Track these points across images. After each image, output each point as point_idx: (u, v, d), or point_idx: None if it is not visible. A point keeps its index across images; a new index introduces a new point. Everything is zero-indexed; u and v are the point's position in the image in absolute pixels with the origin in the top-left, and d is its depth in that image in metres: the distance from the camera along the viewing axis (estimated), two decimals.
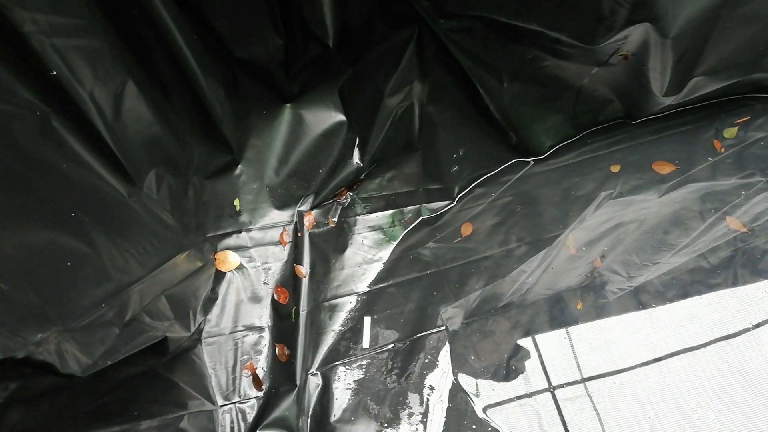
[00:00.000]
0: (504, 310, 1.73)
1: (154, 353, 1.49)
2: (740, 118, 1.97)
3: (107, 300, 1.21)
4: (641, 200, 1.85)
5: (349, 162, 1.91)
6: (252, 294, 1.75)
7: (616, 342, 1.65)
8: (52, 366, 1.15)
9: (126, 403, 1.48)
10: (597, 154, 1.99)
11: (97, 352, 1.24)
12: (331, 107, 1.85)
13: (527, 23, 1.56)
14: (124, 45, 1.28)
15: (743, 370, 1.57)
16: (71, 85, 1.04)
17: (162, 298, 1.42)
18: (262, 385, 1.61)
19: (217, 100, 1.58)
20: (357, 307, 1.77)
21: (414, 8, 1.61)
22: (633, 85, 1.76)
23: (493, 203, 1.94)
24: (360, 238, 1.90)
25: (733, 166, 1.88)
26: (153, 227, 1.35)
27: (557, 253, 1.79)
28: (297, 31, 1.62)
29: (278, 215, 1.86)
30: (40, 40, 0.97)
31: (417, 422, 1.58)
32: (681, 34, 1.50)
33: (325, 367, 1.67)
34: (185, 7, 1.38)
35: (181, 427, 1.50)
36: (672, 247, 1.76)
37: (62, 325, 1.11)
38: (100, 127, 1.12)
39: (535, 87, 1.80)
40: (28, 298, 1.03)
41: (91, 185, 1.14)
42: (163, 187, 1.42)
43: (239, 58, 1.61)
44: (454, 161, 1.96)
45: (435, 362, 1.67)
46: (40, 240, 1.04)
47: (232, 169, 1.83)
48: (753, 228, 1.77)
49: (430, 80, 1.84)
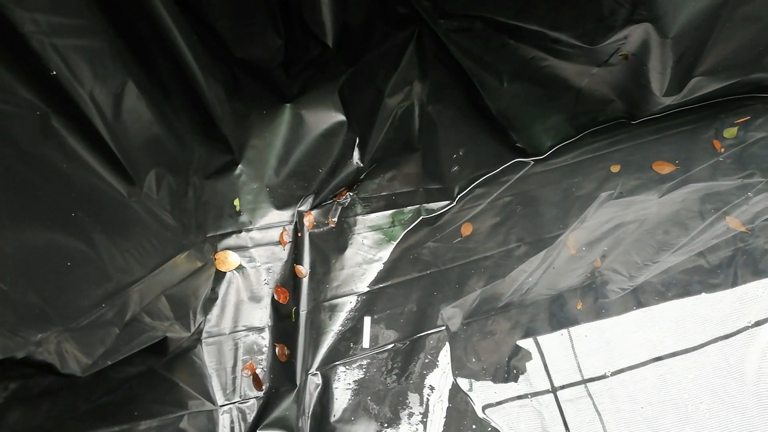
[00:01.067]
0: (504, 310, 1.73)
1: (154, 353, 1.49)
2: (740, 118, 1.97)
3: (107, 300, 1.21)
4: (641, 200, 1.85)
5: (349, 162, 1.91)
6: (252, 294, 1.75)
7: (616, 342, 1.65)
8: (52, 366, 1.15)
9: (126, 403, 1.48)
10: (597, 154, 1.99)
11: (97, 352, 1.24)
12: (331, 107, 1.85)
13: (527, 23, 1.56)
14: (124, 45, 1.28)
15: (742, 369, 1.57)
16: (71, 85, 1.04)
17: (162, 298, 1.42)
18: (262, 385, 1.61)
19: (217, 100, 1.58)
20: (357, 307, 1.77)
21: (414, 8, 1.61)
22: (633, 85, 1.76)
23: (493, 203, 1.94)
24: (360, 238, 1.90)
25: (733, 166, 1.88)
26: (153, 227, 1.35)
27: (557, 253, 1.79)
28: (297, 31, 1.62)
29: (278, 215, 1.86)
30: (40, 40, 0.97)
31: (417, 422, 1.58)
32: (681, 34, 1.51)
33: (325, 367, 1.67)
34: (185, 7, 1.38)
35: (181, 427, 1.50)
36: (672, 247, 1.76)
37: (62, 325, 1.11)
38: (100, 127, 1.12)
39: (535, 87, 1.79)
40: (28, 298, 1.03)
41: (91, 185, 1.14)
42: (163, 187, 1.42)
43: (239, 58, 1.61)
44: (454, 161, 1.96)
45: (435, 362, 1.67)
46: (40, 240, 1.04)
47: (232, 169, 1.83)
48: (753, 228, 1.77)
49: (430, 80, 1.84)
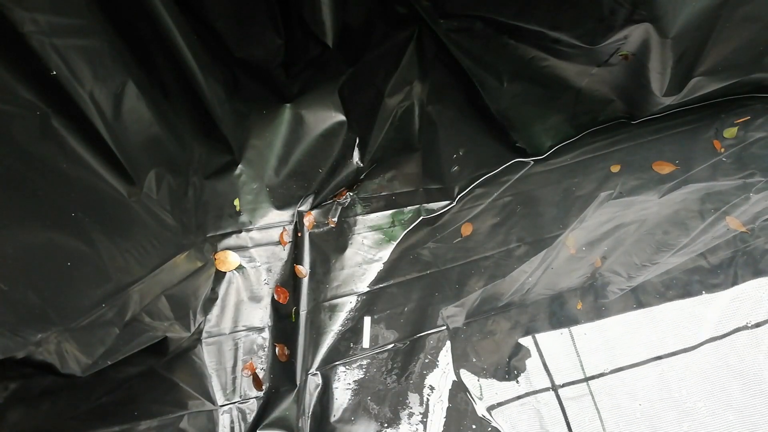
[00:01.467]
0: (504, 310, 1.73)
1: (154, 353, 1.49)
2: (740, 118, 1.97)
3: (107, 300, 1.21)
4: (641, 200, 1.85)
5: (349, 162, 1.91)
6: (252, 294, 1.75)
7: (616, 341, 1.65)
8: (52, 366, 1.15)
9: (126, 403, 1.48)
10: (597, 154, 1.99)
11: (97, 352, 1.24)
12: (331, 107, 1.85)
13: (527, 23, 1.56)
14: (124, 45, 1.28)
15: (742, 369, 1.57)
16: (71, 85, 1.04)
17: (162, 298, 1.42)
18: (262, 385, 1.61)
19: (217, 100, 1.58)
20: (357, 307, 1.77)
21: (414, 8, 1.61)
22: (633, 85, 1.76)
23: (493, 203, 1.94)
24: (360, 238, 1.90)
25: (733, 166, 1.88)
26: (153, 227, 1.35)
27: (557, 253, 1.79)
28: (297, 31, 1.62)
29: (278, 215, 1.86)
30: (40, 40, 0.97)
31: (417, 422, 1.58)
32: (681, 34, 1.51)
33: (325, 367, 1.67)
34: (185, 7, 1.38)
35: (181, 427, 1.50)
36: (672, 247, 1.76)
37: (62, 325, 1.11)
38: (100, 127, 1.12)
39: (535, 87, 1.79)
40: (28, 298, 1.03)
41: (91, 185, 1.14)
42: (163, 187, 1.42)
43: (239, 58, 1.61)
44: (454, 161, 1.96)
45: (435, 362, 1.67)
46: (40, 240, 1.04)
47: (232, 169, 1.83)
48: (753, 228, 1.77)
49: (430, 80, 1.84)
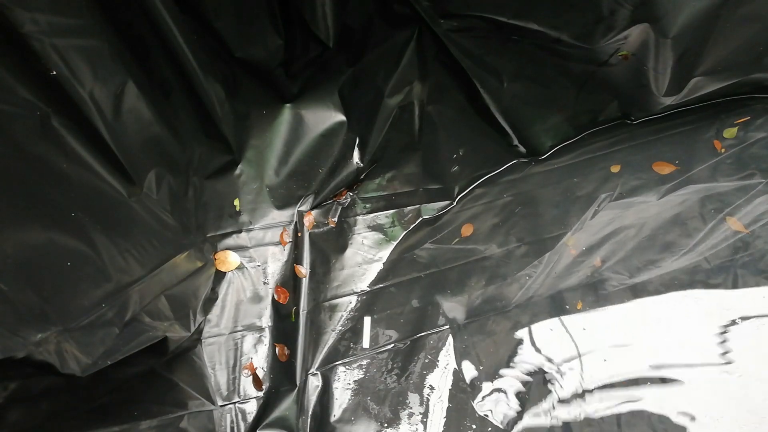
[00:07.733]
0: (504, 310, 1.72)
1: (154, 353, 1.48)
2: (740, 118, 1.97)
3: (107, 300, 1.21)
4: (641, 201, 1.85)
5: (349, 162, 1.91)
6: (252, 294, 1.75)
7: (616, 340, 1.65)
8: (52, 366, 1.15)
9: (126, 403, 1.48)
10: (597, 154, 1.99)
11: (97, 352, 1.23)
12: (331, 107, 1.85)
13: (527, 23, 1.56)
14: (124, 45, 1.28)
15: (741, 369, 1.57)
16: (71, 85, 1.04)
17: (162, 298, 1.42)
18: (262, 385, 1.61)
19: (217, 100, 1.59)
20: (357, 307, 1.77)
21: (414, 8, 1.61)
22: (633, 85, 1.76)
23: (493, 203, 1.94)
24: (360, 238, 1.90)
25: (733, 166, 1.88)
26: (153, 227, 1.35)
27: (558, 253, 1.79)
28: (297, 31, 1.63)
29: (278, 215, 1.86)
30: (40, 40, 0.97)
31: (417, 422, 1.58)
32: (681, 34, 1.51)
33: (325, 367, 1.67)
34: (185, 7, 1.39)
35: (181, 427, 1.50)
36: (672, 248, 1.76)
37: (62, 325, 1.11)
38: (100, 127, 1.12)
39: (535, 87, 1.80)
40: (28, 298, 1.03)
41: (91, 185, 1.14)
42: (163, 187, 1.42)
43: (239, 58, 1.61)
44: (454, 161, 1.96)
45: (435, 362, 1.66)
46: (40, 240, 1.04)
47: (232, 169, 1.83)
48: (753, 229, 1.77)
49: (430, 80, 1.84)
